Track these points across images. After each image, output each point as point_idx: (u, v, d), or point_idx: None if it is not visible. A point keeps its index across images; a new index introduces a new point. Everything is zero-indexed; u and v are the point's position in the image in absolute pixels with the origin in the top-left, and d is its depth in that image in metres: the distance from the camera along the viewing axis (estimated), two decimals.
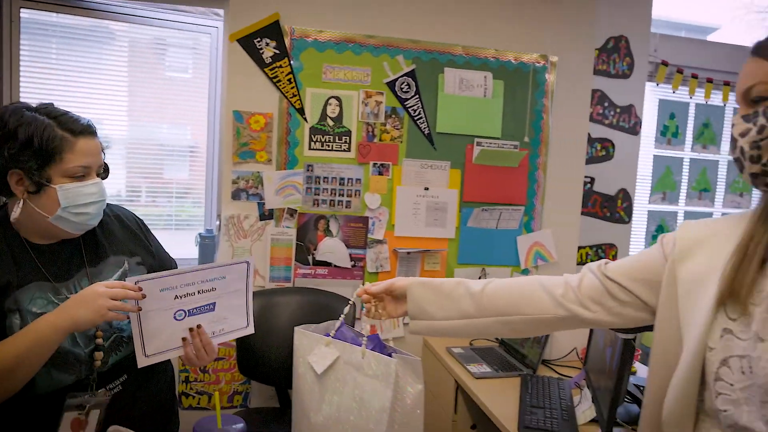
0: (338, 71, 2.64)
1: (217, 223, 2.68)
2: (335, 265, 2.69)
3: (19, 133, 1.24)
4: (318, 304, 2.57)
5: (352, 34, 2.64)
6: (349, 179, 2.68)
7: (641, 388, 2.09)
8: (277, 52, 2.57)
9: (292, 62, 2.59)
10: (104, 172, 1.41)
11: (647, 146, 3.69)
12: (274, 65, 2.58)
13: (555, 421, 1.86)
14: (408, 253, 2.75)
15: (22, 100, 2.52)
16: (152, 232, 1.61)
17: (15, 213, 1.27)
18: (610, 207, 3.55)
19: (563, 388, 2.14)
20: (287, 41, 2.58)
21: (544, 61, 2.86)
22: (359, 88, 2.67)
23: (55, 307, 1.25)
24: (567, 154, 2.96)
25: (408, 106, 2.72)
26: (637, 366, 2.43)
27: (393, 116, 2.71)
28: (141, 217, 1.61)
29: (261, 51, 2.56)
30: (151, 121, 2.81)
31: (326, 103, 2.64)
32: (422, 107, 2.73)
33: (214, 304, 1.41)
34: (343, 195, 2.68)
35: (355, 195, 2.69)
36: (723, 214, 3.93)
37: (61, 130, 1.28)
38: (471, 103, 2.77)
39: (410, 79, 2.71)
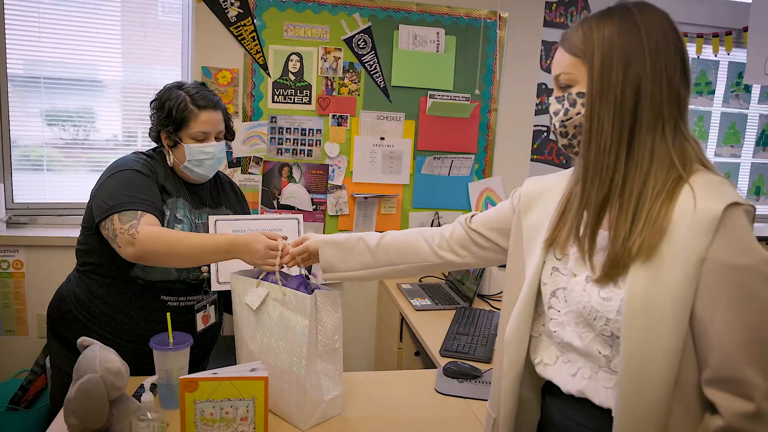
0: (299, 29, 2.83)
1: None
2: (298, 209, 2.96)
3: (165, 105, 1.76)
4: None
5: None
6: (310, 130, 2.91)
7: None
8: (241, 11, 2.76)
9: (255, 21, 2.78)
10: (229, 135, 1.89)
11: None
12: (238, 24, 2.77)
13: (474, 346, 2.12)
14: (365, 198, 3.00)
15: (8, 44, 2.73)
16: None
17: (169, 158, 1.80)
18: (566, 154, 3.76)
19: (491, 319, 2.41)
20: (250, 1, 2.76)
21: (494, 16, 3.03)
22: (318, 44, 2.86)
23: (190, 220, 1.78)
24: (517, 105, 3.16)
25: (365, 61, 2.92)
26: None
27: (350, 71, 2.91)
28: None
29: (226, 10, 2.74)
30: (145, 63, 2.96)
31: (288, 59, 2.84)
32: (378, 62, 2.93)
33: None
34: (304, 144, 2.92)
35: (316, 144, 2.93)
36: None
37: (191, 104, 1.74)
38: (424, 58, 2.97)
39: (366, 35, 2.90)
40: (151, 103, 1.82)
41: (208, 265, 1.77)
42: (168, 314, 1.53)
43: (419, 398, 1.69)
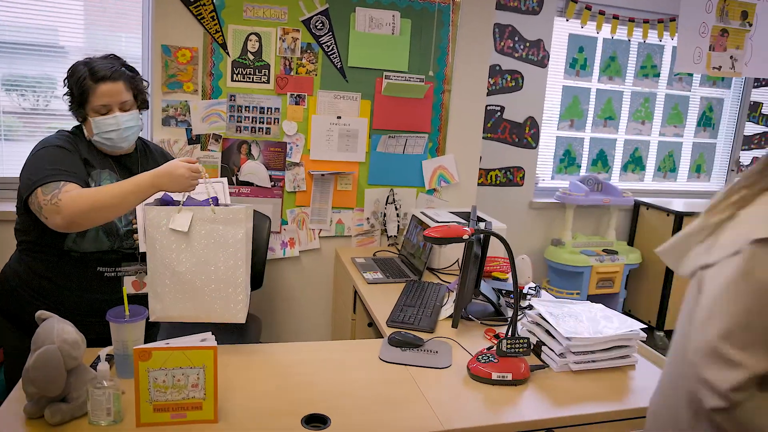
0: (258, 9, 2.89)
1: None
2: (257, 185, 3.05)
3: (68, 82, 1.82)
4: None
5: None
6: (268, 108, 2.99)
7: (502, 292, 2.52)
8: None
9: (214, 1, 2.82)
10: (138, 105, 1.90)
11: (556, 78, 4.02)
12: (198, 3, 2.81)
13: (419, 317, 2.25)
14: (322, 175, 3.11)
15: None
16: None
17: (86, 134, 1.86)
18: (518, 133, 3.92)
19: (438, 292, 2.55)
20: None
21: (448, 1, 3.13)
22: (277, 25, 2.92)
23: None
24: (470, 86, 3.28)
25: (322, 42, 3.00)
26: None
27: (308, 51, 2.99)
28: None
29: None
30: (109, 30, 2.96)
31: (247, 39, 2.90)
32: (335, 43, 3.01)
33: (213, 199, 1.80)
34: (263, 123, 3.00)
35: (274, 123, 3.02)
36: (625, 140, 4.33)
37: (89, 78, 1.77)
38: (380, 40, 3.06)
39: (324, 17, 2.97)
40: (63, 80, 1.86)
41: (136, 231, 1.84)
42: (124, 288, 1.63)
43: (364, 365, 1.84)
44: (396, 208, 3.27)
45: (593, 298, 3.37)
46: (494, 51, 3.68)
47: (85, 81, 1.77)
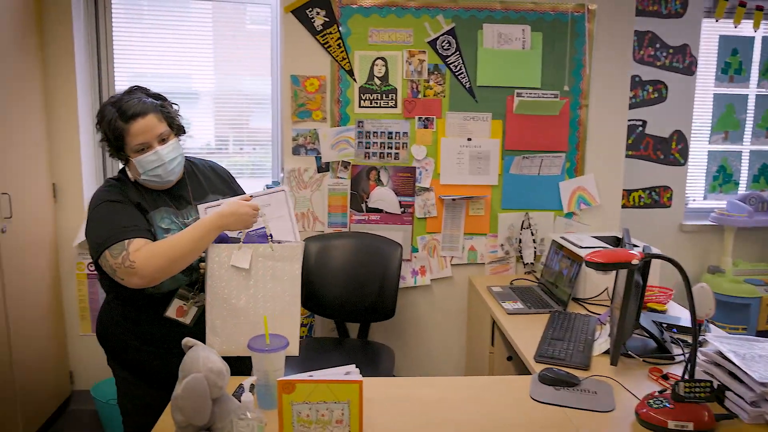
0: (383, 34, 2.85)
1: (282, 175, 3.01)
2: (386, 212, 2.98)
3: (101, 127, 1.72)
4: (371, 246, 2.89)
5: None
6: (396, 133, 2.92)
7: (663, 325, 2.23)
8: (327, 19, 2.81)
9: (340, 28, 2.83)
10: (175, 133, 1.80)
11: (706, 85, 3.65)
12: (324, 32, 2.82)
13: (570, 352, 2.02)
14: (453, 199, 2.98)
15: (116, 58, 3.00)
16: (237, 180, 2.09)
17: (130, 174, 1.78)
18: (664, 149, 3.58)
19: (588, 324, 2.31)
20: (336, 9, 2.81)
21: (582, 9, 2.93)
22: (403, 48, 2.87)
23: (178, 225, 1.76)
24: (609, 99, 3.04)
25: (449, 62, 2.90)
26: (672, 306, 2.55)
27: (435, 73, 2.90)
28: (228, 167, 2.09)
29: (312, 20, 2.81)
30: (236, 73, 3.13)
31: (373, 64, 2.87)
32: (463, 63, 2.90)
33: (264, 229, 1.79)
34: (391, 147, 2.93)
35: (403, 147, 2.94)
36: None
37: (119, 120, 1.68)
38: (510, 56, 2.91)
39: (450, 36, 2.88)
40: (95, 125, 1.77)
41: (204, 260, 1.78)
42: (264, 317, 1.57)
43: (513, 405, 1.65)
44: (532, 234, 3.06)
45: (765, 335, 2.94)
46: (632, 61, 3.40)
47: (116, 123, 1.68)
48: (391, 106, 2.91)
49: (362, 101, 2.89)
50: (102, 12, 2.98)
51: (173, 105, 1.83)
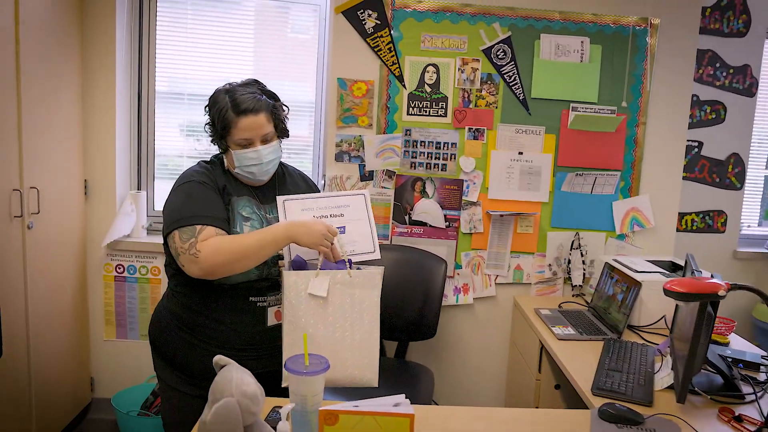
0: (436, 40, 2.74)
1: (323, 182, 2.91)
2: (430, 225, 2.85)
3: (210, 112, 1.73)
4: (413, 261, 2.75)
5: (450, 3, 2.72)
6: (445, 143, 2.80)
7: (729, 360, 2.08)
8: (379, 22, 2.71)
9: (392, 32, 2.72)
10: (279, 135, 1.79)
11: (766, 108, 3.48)
12: (375, 35, 2.72)
13: (630, 385, 1.88)
14: (501, 215, 2.85)
15: (158, 62, 2.92)
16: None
17: (226, 162, 1.79)
18: (720, 172, 3.42)
19: (646, 354, 2.16)
20: (388, 12, 2.70)
21: (644, 23, 2.79)
22: (456, 55, 2.76)
23: (259, 216, 1.75)
24: (668, 118, 2.90)
25: (503, 72, 2.78)
26: (733, 338, 2.40)
27: (488, 82, 2.78)
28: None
29: (363, 22, 2.71)
30: (275, 78, 3.04)
31: (424, 71, 2.76)
32: (518, 73, 2.78)
33: (344, 228, 1.76)
34: (439, 158, 2.81)
35: (451, 158, 2.81)
36: None
37: (231, 110, 1.68)
38: (567, 69, 2.79)
39: (506, 45, 2.76)
40: (205, 108, 1.78)
41: (281, 257, 1.76)
42: (304, 335, 1.45)
43: None
44: (582, 254, 2.91)
45: None
46: (692, 80, 3.25)
47: (227, 113, 1.69)
48: (441, 115, 2.79)
49: (411, 108, 2.78)
50: (146, 8, 2.91)
51: (284, 107, 1.83)
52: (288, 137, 1.86)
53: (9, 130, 2.24)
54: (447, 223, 2.86)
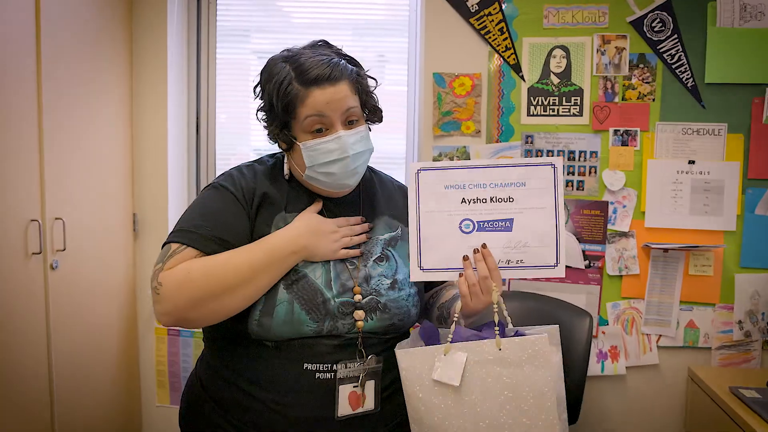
0: (564, 13, 2.18)
1: None
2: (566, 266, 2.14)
3: (265, 90, 1.21)
4: (542, 313, 2.11)
5: None
6: (581, 152, 2.21)
7: None
8: None
9: (503, 7, 2.18)
10: (373, 116, 1.27)
11: None
12: (480, 13, 2.20)
13: None
14: (665, 250, 2.13)
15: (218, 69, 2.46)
16: None
17: (285, 168, 1.26)
18: None
19: None
20: None
21: None
22: (593, 32, 2.19)
23: None
24: None
25: (662, 50, 2.15)
26: None
27: (641, 66, 2.17)
28: None
29: None
30: None
31: (549, 56, 2.21)
32: (683, 51, 2.16)
33: (511, 221, 1.18)
34: (573, 173, 2.22)
35: (590, 173, 2.20)
36: None
37: (296, 81, 1.16)
38: (759, 39, 2.09)
39: (665, 13, 2.15)
40: (254, 89, 1.26)
41: (358, 305, 1.20)
42: None
43: None
44: None
45: None
46: None
47: (290, 86, 1.16)
48: (575, 114, 2.19)
49: (532, 108, 2.20)
50: (204, 16, 2.46)
51: (372, 79, 1.28)
52: (381, 121, 1.30)
53: (27, 145, 1.80)
54: (586, 261, 2.19)
